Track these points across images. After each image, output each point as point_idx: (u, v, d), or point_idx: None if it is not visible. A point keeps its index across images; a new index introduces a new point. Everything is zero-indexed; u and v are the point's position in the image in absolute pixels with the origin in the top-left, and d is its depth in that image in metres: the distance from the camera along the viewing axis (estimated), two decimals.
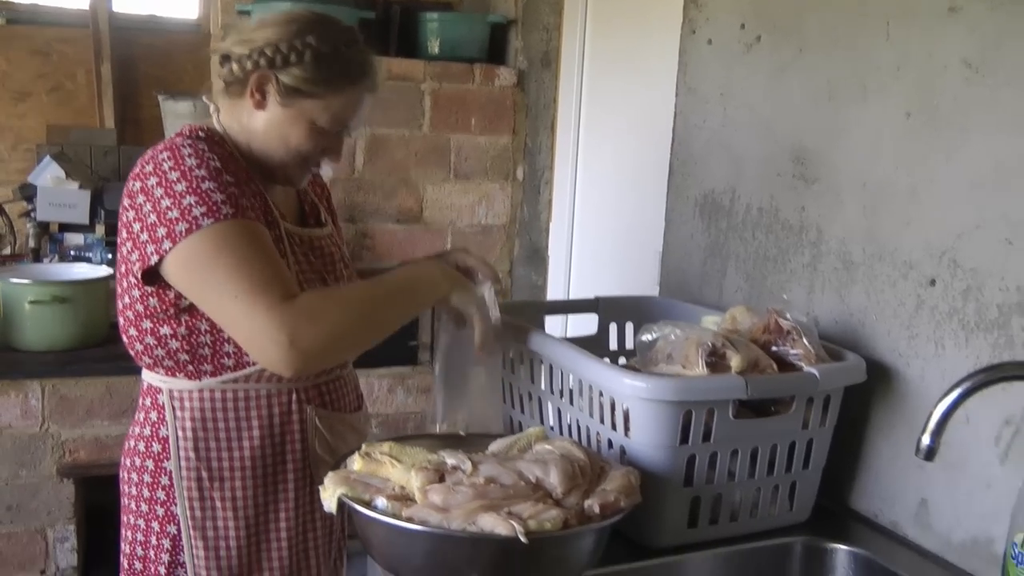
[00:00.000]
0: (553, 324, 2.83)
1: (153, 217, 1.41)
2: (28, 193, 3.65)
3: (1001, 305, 1.44)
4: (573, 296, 3.02)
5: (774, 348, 1.60)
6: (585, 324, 2.06)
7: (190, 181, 1.41)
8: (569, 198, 3.09)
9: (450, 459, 1.33)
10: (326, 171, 1.78)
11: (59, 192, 3.57)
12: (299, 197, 1.73)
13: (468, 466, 1.33)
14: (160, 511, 1.58)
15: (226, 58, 1.56)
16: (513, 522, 1.20)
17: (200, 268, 1.41)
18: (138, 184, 1.44)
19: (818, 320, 1.78)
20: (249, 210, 1.45)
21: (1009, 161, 1.42)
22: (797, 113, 1.84)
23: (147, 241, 1.42)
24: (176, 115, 3.13)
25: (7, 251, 3.72)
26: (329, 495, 1.31)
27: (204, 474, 1.56)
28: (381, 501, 1.27)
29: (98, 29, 4.53)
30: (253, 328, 1.38)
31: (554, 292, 3.15)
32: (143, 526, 1.60)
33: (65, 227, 3.64)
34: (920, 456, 1.23)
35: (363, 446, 1.40)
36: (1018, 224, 1.41)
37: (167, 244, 1.40)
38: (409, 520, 1.23)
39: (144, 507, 1.59)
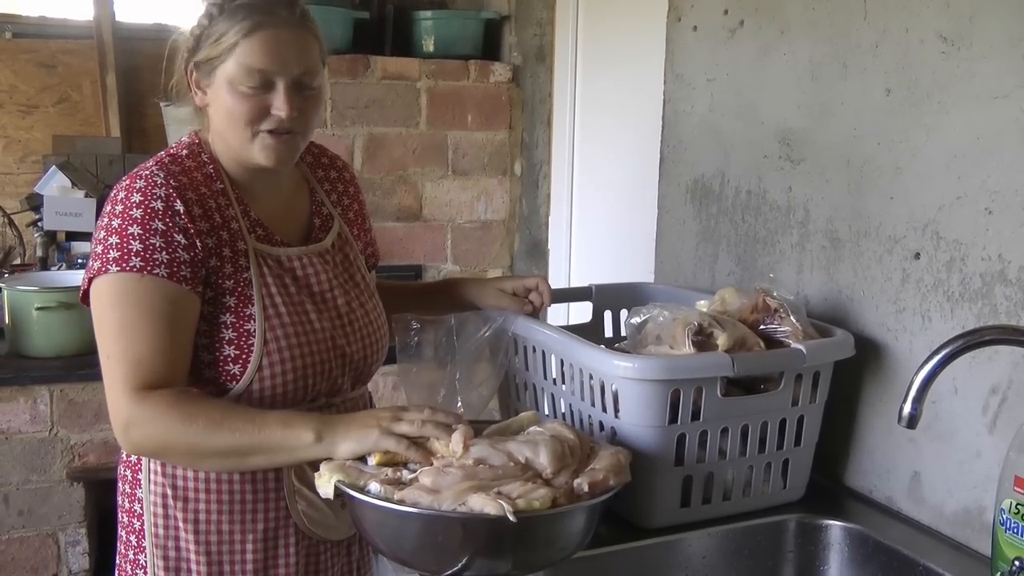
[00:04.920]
0: (556, 315, 2.87)
1: (94, 244, 1.45)
2: (35, 203, 3.69)
3: (984, 274, 1.45)
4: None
5: (762, 327, 1.62)
6: (584, 313, 2.08)
7: (122, 220, 1.42)
8: (567, 191, 3.12)
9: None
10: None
11: (65, 201, 3.60)
12: (312, 210, 1.66)
13: (459, 448, 1.35)
14: (137, 524, 1.57)
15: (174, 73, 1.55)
16: (502, 501, 1.22)
17: (97, 312, 1.44)
18: (107, 206, 1.47)
19: (808, 298, 1.79)
20: (164, 265, 1.41)
21: (987, 133, 1.44)
22: (781, 95, 1.86)
23: (87, 267, 1.46)
24: (178, 121, 3.16)
25: (16, 261, 3.77)
26: (325, 481, 1.33)
27: (168, 491, 1.53)
28: (374, 486, 1.29)
29: (102, 40, 4.57)
30: (108, 393, 1.43)
31: (555, 284, 3.15)
32: (124, 536, 1.59)
33: (72, 235, 3.67)
34: (903, 424, 1.24)
35: None
36: (997, 193, 1.42)
37: (87, 275, 1.45)
38: (401, 503, 1.25)
39: (124, 518, 1.59)
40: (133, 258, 1.40)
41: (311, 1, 3.07)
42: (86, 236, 3.66)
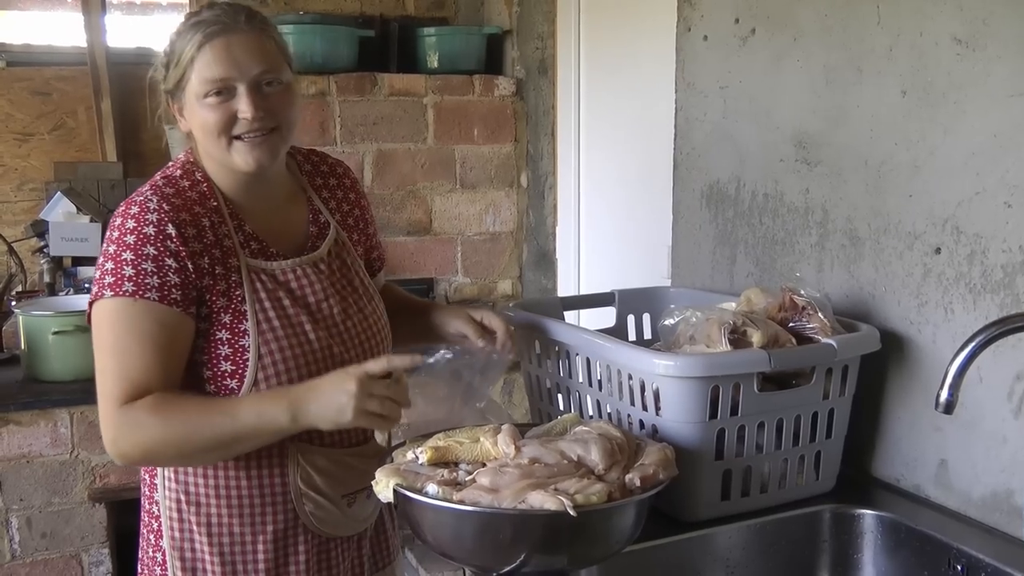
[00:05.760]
0: (568, 320, 2.91)
1: (95, 269, 1.51)
2: (40, 229, 3.71)
3: (1005, 266, 1.51)
4: None
5: (791, 324, 1.67)
6: (598, 321, 2.12)
7: (117, 246, 1.48)
8: (574, 201, 3.17)
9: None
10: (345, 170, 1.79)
11: (71, 227, 3.63)
12: (312, 218, 1.68)
13: (512, 450, 1.39)
14: (155, 525, 1.63)
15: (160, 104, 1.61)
16: (561, 497, 1.26)
17: (95, 333, 1.51)
18: (106, 233, 1.53)
19: (829, 296, 1.84)
20: (155, 289, 1.46)
21: (1004, 130, 1.50)
22: (796, 100, 1.92)
23: (91, 291, 1.52)
24: (182, 143, 3.20)
25: (19, 288, 3.77)
26: (383, 487, 1.36)
27: (182, 496, 1.59)
28: (432, 487, 1.33)
29: (96, 66, 4.58)
30: (100, 409, 1.49)
31: (565, 293, 3.22)
32: (145, 534, 1.66)
33: (78, 261, 3.70)
34: (939, 410, 1.29)
35: (410, 443, 1.48)
36: (1016, 187, 1.48)
37: (89, 299, 1.51)
38: (461, 503, 1.29)
39: (146, 518, 1.65)
40: (126, 283, 1.46)
41: (316, 21, 3.13)
42: (92, 261, 3.67)
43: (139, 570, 1.68)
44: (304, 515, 1.61)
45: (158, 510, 1.61)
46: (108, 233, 1.51)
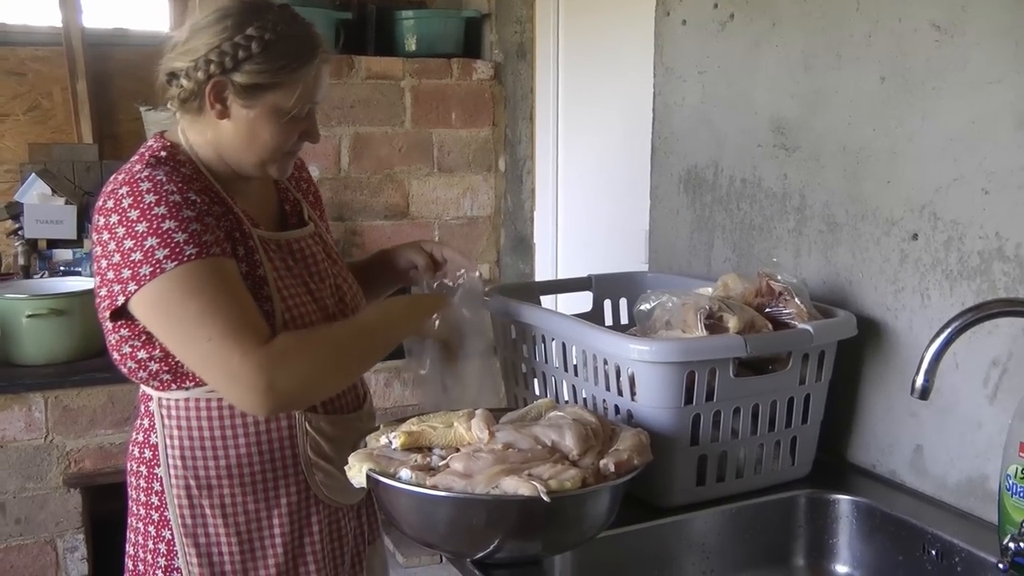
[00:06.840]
0: (548, 305, 2.90)
1: (117, 257, 1.41)
2: (14, 211, 3.67)
3: (982, 252, 1.51)
4: None
5: (768, 309, 1.67)
6: (575, 305, 2.11)
7: (150, 221, 1.40)
8: (552, 185, 3.16)
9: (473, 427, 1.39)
10: (313, 171, 1.80)
11: (46, 209, 3.59)
12: (280, 197, 1.72)
13: (485, 435, 1.39)
14: (155, 516, 1.60)
15: (172, 76, 1.51)
16: (535, 483, 1.25)
17: (168, 311, 1.41)
18: (101, 220, 1.44)
19: (806, 281, 1.84)
20: (214, 244, 1.43)
21: (982, 116, 1.49)
22: (775, 85, 1.91)
23: (113, 281, 1.42)
24: (158, 125, 3.16)
25: None
26: (356, 472, 1.36)
27: (192, 482, 1.56)
28: (405, 472, 1.33)
29: (72, 47, 4.53)
30: (230, 373, 1.40)
31: (542, 277, 3.22)
32: (142, 529, 1.62)
33: (53, 243, 3.66)
34: (915, 395, 1.29)
35: (384, 428, 1.48)
36: (993, 174, 1.48)
37: (132, 286, 1.40)
38: (434, 488, 1.29)
39: (142, 511, 1.62)
40: (186, 247, 1.39)
41: (294, 3, 3.09)
42: (67, 243, 3.64)
43: (131, 566, 1.64)
44: (315, 486, 1.63)
45: (159, 500, 1.58)
46: (122, 216, 1.41)
